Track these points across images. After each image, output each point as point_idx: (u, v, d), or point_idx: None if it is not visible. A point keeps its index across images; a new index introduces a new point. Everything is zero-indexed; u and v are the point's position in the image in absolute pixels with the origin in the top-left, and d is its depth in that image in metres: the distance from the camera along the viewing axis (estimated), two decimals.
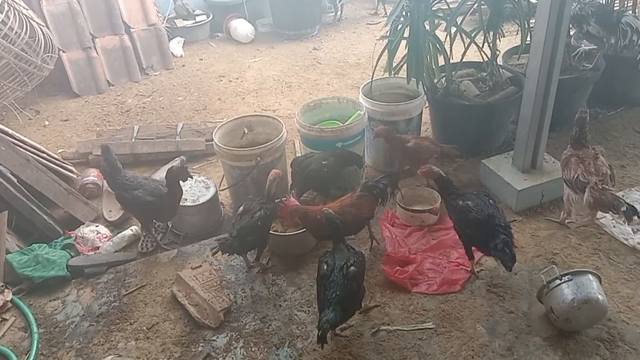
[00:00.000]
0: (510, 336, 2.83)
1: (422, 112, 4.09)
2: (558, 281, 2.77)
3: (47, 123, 5.30)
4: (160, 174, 4.25)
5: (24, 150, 3.72)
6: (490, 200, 3.06)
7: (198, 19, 7.19)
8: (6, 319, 3.16)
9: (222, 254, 3.17)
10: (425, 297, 3.09)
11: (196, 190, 3.76)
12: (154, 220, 3.70)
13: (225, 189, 3.83)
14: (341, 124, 3.94)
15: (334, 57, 6.42)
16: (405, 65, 3.87)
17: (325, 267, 2.69)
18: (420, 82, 3.91)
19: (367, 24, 7.39)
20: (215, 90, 5.80)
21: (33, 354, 2.89)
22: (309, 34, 7.10)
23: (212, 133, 4.56)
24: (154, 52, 6.25)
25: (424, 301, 3.07)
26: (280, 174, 3.31)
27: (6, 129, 3.95)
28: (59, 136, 5.08)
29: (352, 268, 2.64)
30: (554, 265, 2.93)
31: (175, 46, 6.69)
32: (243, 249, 3.19)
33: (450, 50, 4.02)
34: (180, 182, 3.37)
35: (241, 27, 7.00)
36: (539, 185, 3.59)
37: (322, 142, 3.71)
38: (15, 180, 3.61)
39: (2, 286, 3.30)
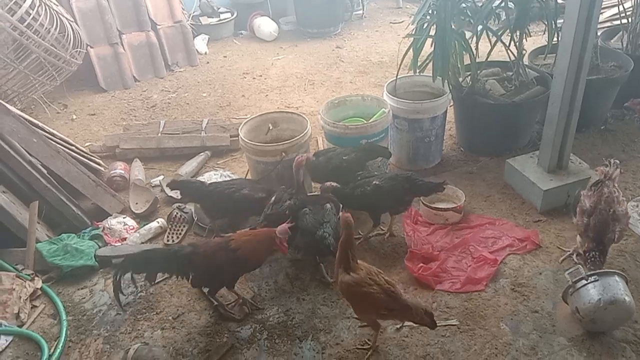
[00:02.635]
0: (534, 335, 2.82)
1: (446, 111, 4.08)
2: (584, 281, 2.76)
3: (74, 117, 5.40)
4: (186, 169, 4.32)
5: (54, 143, 3.79)
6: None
7: (222, 16, 7.25)
8: (36, 306, 3.24)
9: None
10: (448, 294, 3.10)
11: None
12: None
13: None
14: (365, 121, 3.96)
15: (357, 55, 6.44)
16: (431, 63, 3.87)
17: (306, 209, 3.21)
18: (446, 81, 3.91)
19: (390, 22, 7.39)
20: (239, 87, 5.86)
21: (62, 340, 2.96)
22: (332, 32, 7.12)
23: (236, 129, 4.65)
24: (179, 49, 6.32)
25: (448, 299, 3.07)
26: (304, 160, 3.35)
27: (36, 121, 4.04)
28: (86, 130, 5.17)
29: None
30: (580, 266, 2.92)
31: (200, 43, 6.76)
32: None
33: (477, 49, 4.01)
34: None
35: (265, 25, 7.05)
36: (565, 186, 3.56)
37: (347, 139, 3.73)
38: (45, 171, 3.70)
39: (32, 274, 3.38)
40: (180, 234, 3.74)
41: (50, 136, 3.98)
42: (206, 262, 2.86)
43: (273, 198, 3.35)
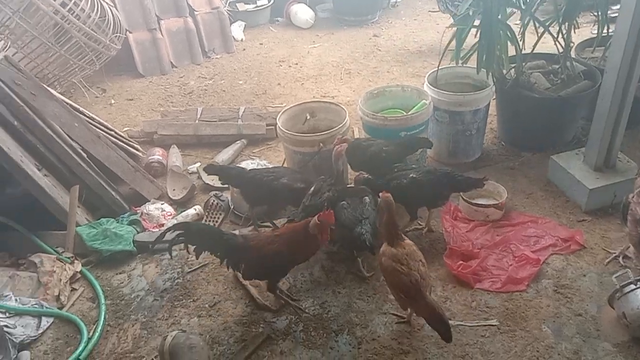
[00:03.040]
0: (578, 339, 2.73)
1: (489, 104, 3.97)
2: (633, 286, 2.66)
3: (113, 102, 5.46)
4: (222, 157, 4.32)
5: (94, 128, 3.82)
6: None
7: (259, 3, 7.22)
8: (75, 289, 3.30)
9: None
10: (488, 294, 3.03)
11: None
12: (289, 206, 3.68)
13: None
14: (405, 113, 3.88)
15: (395, 44, 6.33)
16: (475, 54, 3.76)
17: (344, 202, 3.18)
18: (490, 73, 3.79)
19: (429, 11, 7.23)
20: (275, 75, 5.83)
21: (101, 324, 3.00)
22: (369, 20, 7.01)
23: (273, 117, 4.64)
24: (216, 35, 6.32)
25: (487, 298, 3.00)
26: (343, 150, 3.30)
27: (77, 106, 4.09)
28: (124, 115, 5.22)
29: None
30: (629, 269, 2.81)
31: (237, 30, 6.75)
32: None
33: (523, 41, 3.88)
34: None
35: (301, 12, 6.99)
36: (612, 185, 3.44)
37: (386, 131, 3.67)
38: (85, 155, 3.75)
39: (72, 257, 3.44)
40: (216, 221, 3.75)
41: (90, 120, 4.02)
42: (257, 255, 2.82)
43: (312, 189, 3.32)
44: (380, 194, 2.87)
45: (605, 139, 3.41)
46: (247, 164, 3.90)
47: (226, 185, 3.81)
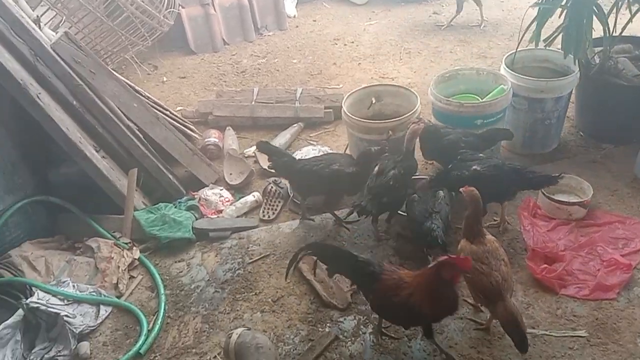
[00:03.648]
0: None
1: (572, 91, 3.65)
2: None
3: (165, 79, 5.33)
4: (280, 140, 4.14)
5: (152, 109, 3.68)
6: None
7: None
8: (134, 277, 3.19)
9: (359, 216, 3.11)
10: (574, 301, 2.78)
11: None
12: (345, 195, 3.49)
13: None
14: (479, 99, 3.61)
15: (456, 22, 5.96)
16: (561, 37, 3.43)
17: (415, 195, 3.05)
18: (576, 58, 3.47)
19: None
20: (330, 54, 5.58)
21: (161, 316, 2.89)
22: None
23: (331, 100, 4.43)
24: (269, 12, 6.10)
25: (574, 306, 2.76)
26: (420, 129, 3.08)
27: (134, 85, 3.96)
28: (177, 93, 5.08)
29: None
30: None
31: (289, 6, 6.49)
32: (378, 210, 3.05)
33: (615, 22, 3.53)
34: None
35: None
36: None
37: (460, 118, 3.41)
38: (141, 136, 3.62)
39: (130, 243, 3.34)
40: (275, 209, 3.58)
41: (146, 100, 3.88)
42: (384, 294, 2.42)
43: (376, 169, 3.11)
44: (462, 189, 2.65)
45: None
46: (308, 151, 3.71)
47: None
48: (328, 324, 2.79)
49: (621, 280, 2.82)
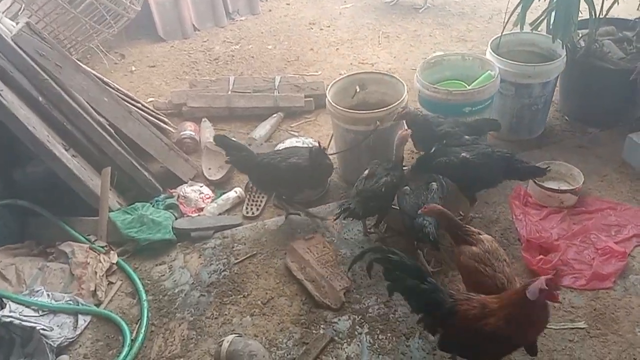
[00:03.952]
0: None
1: (558, 76, 3.59)
2: None
3: (133, 69, 5.07)
4: (260, 132, 3.98)
5: (124, 102, 3.46)
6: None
7: None
8: (112, 283, 3.02)
9: (343, 219, 2.98)
10: (571, 291, 2.74)
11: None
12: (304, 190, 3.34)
13: (336, 153, 3.50)
14: (466, 85, 3.51)
15: (434, 4, 5.84)
16: (547, 20, 3.35)
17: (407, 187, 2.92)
18: (564, 41, 3.39)
19: None
20: (306, 39, 5.40)
21: (144, 324, 2.73)
22: None
23: (311, 88, 4.29)
24: None
25: (571, 297, 2.71)
26: (408, 135, 2.96)
27: (102, 77, 3.72)
28: (147, 83, 4.84)
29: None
30: None
31: None
32: (365, 213, 2.94)
33: (602, 4, 3.46)
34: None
35: None
36: None
37: (448, 106, 3.30)
38: (112, 131, 3.41)
39: (106, 247, 3.15)
40: (259, 205, 3.44)
41: (116, 93, 3.66)
42: (463, 327, 2.12)
43: (366, 172, 3.00)
44: (422, 210, 2.58)
45: None
46: (292, 142, 3.55)
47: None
48: (322, 326, 2.68)
49: (617, 268, 2.78)
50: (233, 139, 3.32)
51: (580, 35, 3.69)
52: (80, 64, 3.28)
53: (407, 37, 5.26)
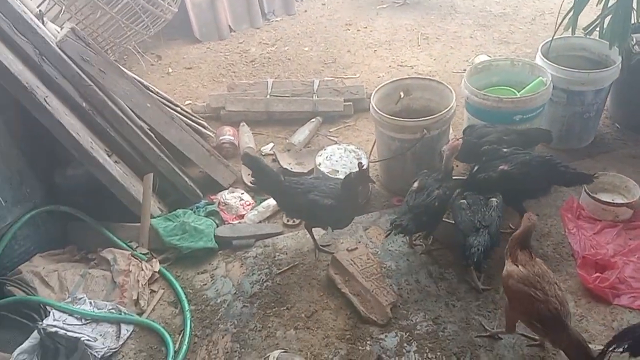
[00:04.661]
0: None
1: (612, 83, 3.44)
2: None
3: (170, 70, 5.05)
4: (299, 137, 3.91)
5: (167, 108, 3.43)
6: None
7: None
8: (154, 291, 2.99)
9: (395, 235, 2.88)
10: (630, 311, 2.62)
11: (347, 160, 3.38)
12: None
13: (379, 161, 3.42)
14: (515, 92, 3.39)
15: (474, 5, 5.70)
16: (605, 25, 3.21)
17: (464, 201, 2.78)
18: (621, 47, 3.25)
19: None
20: (343, 40, 5.31)
21: (187, 335, 2.69)
22: None
23: (350, 92, 4.23)
24: None
25: (630, 317, 2.59)
26: (459, 145, 2.86)
27: (141, 80, 3.69)
28: (184, 85, 4.82)
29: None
30: None
31: None
32: (417, 229, 2.84)
33: None
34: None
35: None
36: None
37: (498, 114, 3.20)
38: (153, 136, 3.38)
39: (148, 254, 3.13)
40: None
41: (157, 97, 3.63)
42: None
43: (416, 184, 2.90)
44: (525, 215, 2.44)
45: None
46: (333, 150, 3.46)
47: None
48: (368, 342, 2.61)
49: None
50: (260, 158, 3.26)
51: (634, 40, 3.52)
52: (125, 69, 3.24)
53: (446, 38, 5.13)
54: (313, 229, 3.10)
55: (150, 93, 3.36)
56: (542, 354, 2.47)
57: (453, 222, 2.84)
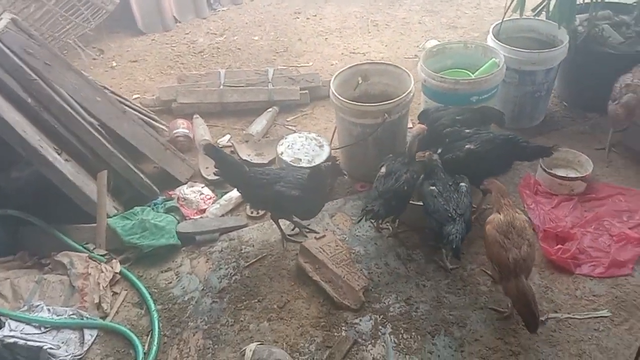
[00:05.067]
0: None
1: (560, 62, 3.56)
2: None
3: (114, 64, 4.84)
4: (256, 128, 3.84)
5: (117, 102, 3.28)
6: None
7: None
8: (117, 293, 2.85)
9: (366, 221, 2.91)
10: (591, 280, 2.73)
11: (309, 149, 3.35)
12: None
13: (341, 147, 3.40)
14: (470, 74, 3.45)
15: None
16: (552, 6, 3.31)
17: (434, 188, 2.74)
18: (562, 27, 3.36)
19: None
20: (293, 29, 5.25)
21: (156, 335, 2.59)
22: None
23: (306, 80, 4.20)
24: None
25: (592, 285, 2.70)
26: (424, 130, 2.88)
27: (87, 75, 3.52)
28: (130, 79, 4.63)
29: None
30: None
31: None
32: (387, 214, 2.82)
33: None
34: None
35: None
36: None
37: (455, 95, 3.24)
38: (104, 132, 3.23)
39: (107, 255, 2.98)
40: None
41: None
42: None
43: (383, 169, 2.89)
44: (489, 185, 2.61)
45: None
46: (294, 139, 3.42)
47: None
48: (343, 327, 2.59)
49: (634, 254, 2.78)
50: (222, 149, 3.18)
51: (578, 20, 3.66)
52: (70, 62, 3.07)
53: (396, 25, 5.17)
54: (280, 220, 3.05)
55: (101, 87, 3.19)
56: (513, 327, 2.54)
57: (420, 204, 2.85)
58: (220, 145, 3.79)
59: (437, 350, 2.47)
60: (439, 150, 2.96)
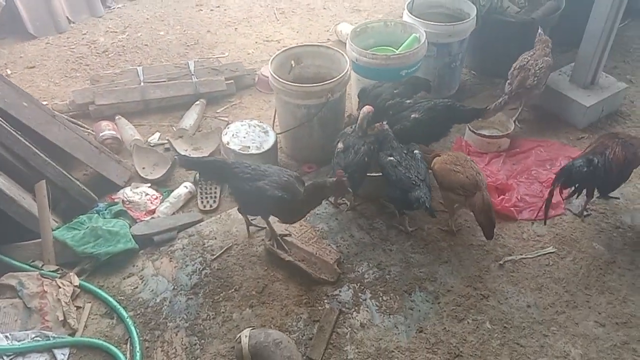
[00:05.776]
0: (628, 250, 2.87)
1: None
2: None
3: (9, 72, 4.41)
4: (188, 122, 3.74)
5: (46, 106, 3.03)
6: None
7: None
8: (80, 307, 2.67)
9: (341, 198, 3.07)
10: (532, 223, 3.04)
11: (254, 135, 3.33)
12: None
13: (287, 131, 3.43)
14: (394, 50, 3.65)
15: None
16: None
17: (393, 158, 2.88)
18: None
19: None
20: (199, 21, 5.13)
21: (136, 341, 2.47)
22: None
23: (231, 70, 4.15)
24: None
25: (534, 227, 3.02)
26: (372, 110, 3.00)
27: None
28: (31, 87, 4.24)
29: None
30: None
31: None
32: (354, 188, 2.84)
33: None
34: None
35: None
36: (602, 101, 3.60)
37: (386, 71, 3.41)
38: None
39: (59, 270, 2.77)
40: (215, 197, 3.26)
41: None
42: None
43: (340, 145, 2.97)
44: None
45: (595, 57, 3.52)
46: (237, 128, 3.38)
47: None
48: (326, 300, 2.67)
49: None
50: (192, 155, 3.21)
51: None
52: None
53: (302, 11, 5.26)
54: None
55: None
56: (477, 274, 2.77)
57: (375, 175, 2.98)
58: (152, 144, 3.65)
59: (417, 306, 2.63)
60: (385, 123, 3.10)
